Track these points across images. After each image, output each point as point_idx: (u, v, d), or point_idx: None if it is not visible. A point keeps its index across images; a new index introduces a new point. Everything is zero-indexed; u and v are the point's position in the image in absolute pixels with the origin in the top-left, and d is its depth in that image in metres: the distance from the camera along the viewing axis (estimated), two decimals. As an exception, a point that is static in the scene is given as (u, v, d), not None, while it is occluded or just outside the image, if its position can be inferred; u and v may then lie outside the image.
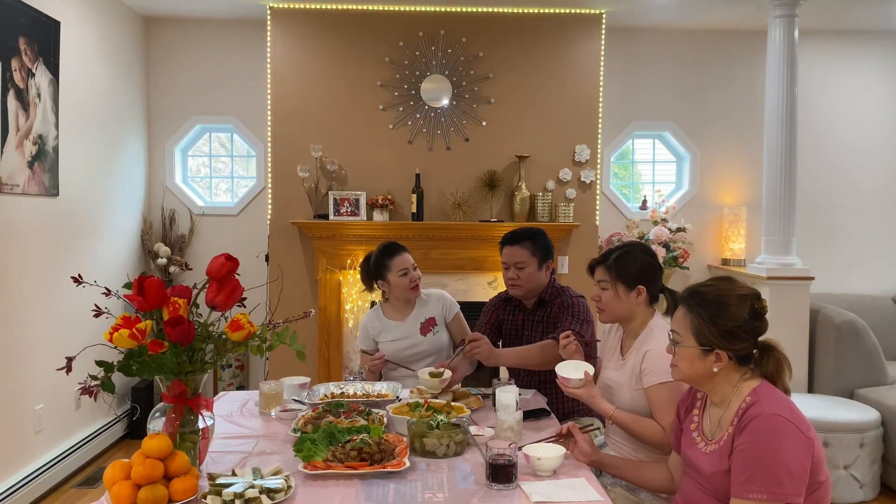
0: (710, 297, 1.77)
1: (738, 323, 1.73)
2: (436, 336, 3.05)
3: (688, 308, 1.79)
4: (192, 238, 5.02)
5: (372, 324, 3.11)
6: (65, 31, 3.79)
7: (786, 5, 4.18)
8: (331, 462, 1.90)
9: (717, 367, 1.74)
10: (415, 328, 3.05)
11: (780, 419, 1.61)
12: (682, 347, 1.79)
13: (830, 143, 5.25)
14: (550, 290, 2.88)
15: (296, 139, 4.62)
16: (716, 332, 1.73)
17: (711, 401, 1.82)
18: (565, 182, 4.73)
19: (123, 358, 1.74)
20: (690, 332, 1.77)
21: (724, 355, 1.74)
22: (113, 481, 1.64)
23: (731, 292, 1.76)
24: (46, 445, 3.70)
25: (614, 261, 2.28)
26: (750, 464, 1.60)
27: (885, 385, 4.08)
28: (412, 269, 3.01)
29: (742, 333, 1.74)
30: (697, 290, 1.81)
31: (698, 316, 1.75)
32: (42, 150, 3.59)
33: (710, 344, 1.74)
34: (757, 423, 1.63)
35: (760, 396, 1.69)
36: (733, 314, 1.73)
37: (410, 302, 3.08)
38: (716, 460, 1.72)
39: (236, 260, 1.85)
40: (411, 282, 3.00)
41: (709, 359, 1.75)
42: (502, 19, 4.68)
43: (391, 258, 3.01)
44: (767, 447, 1.60)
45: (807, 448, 1.61)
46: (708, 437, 1.79)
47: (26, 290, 3.51)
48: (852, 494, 3.65)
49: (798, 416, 1.64)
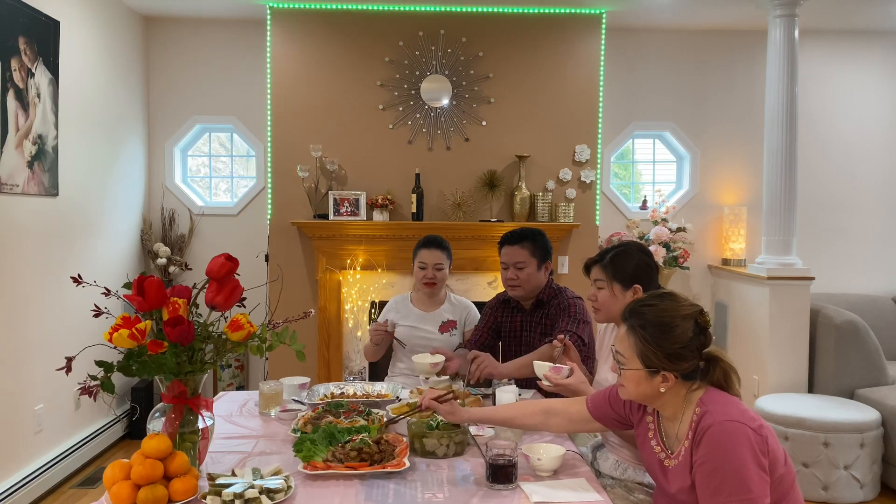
0: (653, 318, 1.70)
1: (683, 343, 1.67)
2: (451, 338, 3.12)
3: (630, 329, 1.73)
4: (191, 238, 5.02)
5: (397, 305, 3.22)
6: (64, 31, 3.78)
7: (786, 5, 4.17)
8: (331, 462, 1.90)
9: (664, 387, 1.69)
10: (435, 323, 3.13)
11: (732, 424, 1.59)
12: (627, 370, 1.73)
13: (831, 143, 5.25)
14: (548, 290, 2.88)
15: (296, 139, 4.62)
16: (661, 354, 1.67)
17: (663, 415, 1.78)
18: (565, 182, 4.73)
19: (123, 358, 1.74)
20: (635, 353, 1.71)
21: (671, 376, 1.68)
22: (113, 481, 1.63)
23: (674, 313, 1.70)
24: (46, 445, 3.70)
25: (610, 260, 2.28)
26: (713, 475, 1.58)
27: (886, 385, 4.08)
28: (432, 267, 3.07)
29: (687, 353, 1.68)
30: (638, 309, 1.74)
31: (641, 338, 1.69)
32: (42, 150, 3.59)
33: (656, 366, 1.68)
34: (711, 433, 1.60)
35: (709, 405, 1.65)
36: (678, 336, 1.67)
37: (436, 299, 3.17)
38: (678, 477, 1.70)
39: (236, 260, 1.85)
40: (425, 277, 3.07)
41: (655, 380, 1.69)
42: (502, 19, 4.68)
43: (420, 248, 3.12)
44: (726, 455, 1.57)
45: (762, 446, 1.59)
46: (670, 449, 1.76)
47: (26, 290, 3.51)
48: (852, 494, 3.64)
49: (749, 416, 1.62)
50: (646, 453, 1.84)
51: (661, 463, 1.77)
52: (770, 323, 4.23)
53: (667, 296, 1.77)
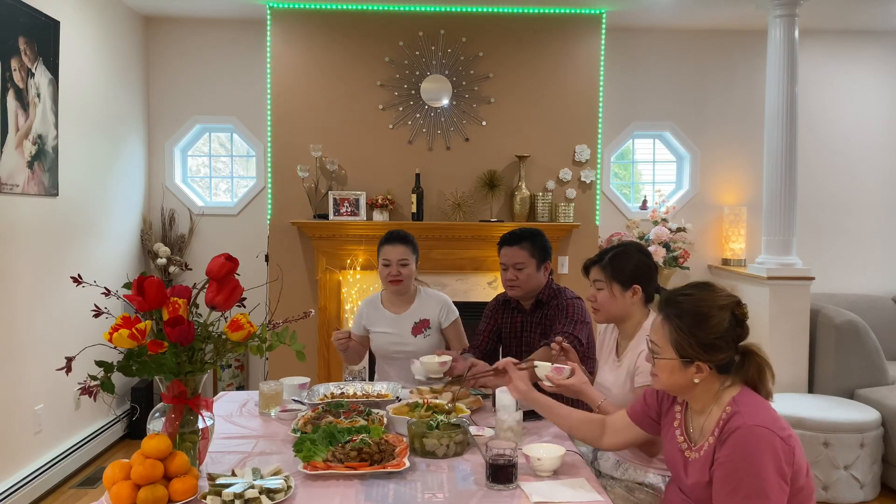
0: (689, 307, 1.70)
1: (719, 334, 1.67)
2: (426, 339, 2.99)
3: (665, 318, 1.73)
4: (191, 238, 5.02)
5: (367, 309, 3.09)
6: (64, 31, 3.78)
7: (786, 5, 4.18)
8: (331, 462, 1.90)
9: (697, 378, 1.69)
10: (407, 326, 3.00)
11: (761, 430, 1.58)
12: (661, 359, 1.73)
13: (831, 142, 5.25)
14: (548, 291, 2.88)
15: (296, 139, 4.62)
16: (695, 344, 1.67)
17: (692, 408, 1.79)
18: (565, 182, 4.72)
19: (123, 358, 1.74)
20: (669, 343, 1.71)
21: (706, 367, 1.68)
22: (113, 481, 1.63)
23: (711, 303, 1.69)
24: (46, 445, 3.70)
25: (609, 260, 2.28)
26: (732, 476, 1.58)
27: (886, 385, 4.08)
28: (396, 263, 2.92)
29: (723, 344, 1.68)
30: (675, 299, 1.74)
31: (676, 327, 1.69)
32: (42, 150, 3.59)
33: (690, 356, 1.68)
34: (738, 435, 1.59)
35: (741, 406, 1.65)
36: (714, 326, 1.67)
37: (406, 297, 3.03)
38: (697, 470, 1.70)
39: (236, 260, 1.85)
40: (389, 275, 2.94)
41: (689, 370, 1.69)
42: (502, 19, 4.68)
43: (383, 244, 2.99)
44: (750, 460, 1.57)
45: (788, 456, 1.58)
46: (692, 441, 1.76)
47: (26, 290, 3.51)
48: (852, 494, 3.64)
49: (779, 425, 1.62)
50: (668, 442, 1.85)
51: (682, 453, 1.77)
52: (770, 323, 4.23)
53: (704, 286, 1.77)
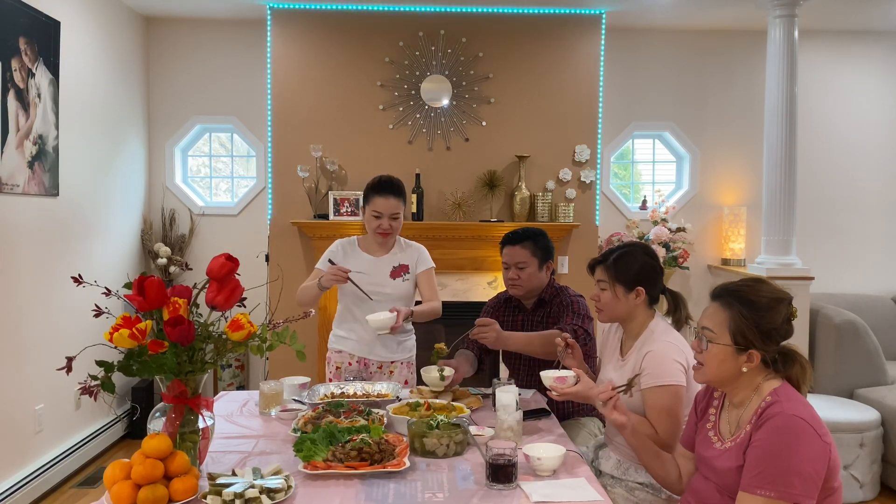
0: (753, 296, 1.75)
1: (776, 325, 1.73)
2: (404, 283, 2.93)
3: (725, 305, 1.76)
4: (192, 238, 5.02)
5: (343, 248, 2.97)
6: (65, 32, 3.79)
7: (786, 5, 4.18)
8: (331, 462, 1.90)
9: (746, 367, 1.73)
10: (385, 269, 2.93)
11: (799, 421, 1.60)
12: (716, 345, 1.76)
13: (830, 142, 5.25)
14: (550, 290, 2.88)
15: (296, 139, 4.62)
16: (756, 331, 1.71)
17: (731, 402, 1.81)
18: (565, 182, 4.73)
19: (123, 358, 1.74)
20: (727, 329, 1.74)
21: (757, 356, 1.72)
22: (113, 481, 1.64)
23: (770, 294, 1.75)
24: (46, 445, 3.70)
25: (614, 261, 2.27)
26: (763, 460, 1.60)
27: (885, 385, 4.08)
28: (388, 217, 2.85)
29: (777, 336, 1.73)
30: (738, 288, 1.78)
31: (739, 314, 1.73)
32: (42, 150, 3.59)
33: (747, 343, 1.72)
34: (775, 421, 1.62)
35: (781, 397, 1.68)
36: (773, 316, 1.72)
37: (385, 244, 2.97)
38: (731, 456, 1.71)
39: (236, 260, 1.85)
40: (380, 227, 2.87)
41: (740, 358, 1.73)
42: (502, 19, 4.68)
43: (373, 194, 2.89)
44: (783, 446, 1.59)
45: (823, 453, 1.59)
46: (724, 436, 1.78)
47: (26, 290, 3.51)
48: (852, 494, 3.64)
49: (818, 421, 1.63)
50: (699, 443, 1.86)
51: (713, 446, 1.79)
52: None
53: (761, 280, 1.83)
